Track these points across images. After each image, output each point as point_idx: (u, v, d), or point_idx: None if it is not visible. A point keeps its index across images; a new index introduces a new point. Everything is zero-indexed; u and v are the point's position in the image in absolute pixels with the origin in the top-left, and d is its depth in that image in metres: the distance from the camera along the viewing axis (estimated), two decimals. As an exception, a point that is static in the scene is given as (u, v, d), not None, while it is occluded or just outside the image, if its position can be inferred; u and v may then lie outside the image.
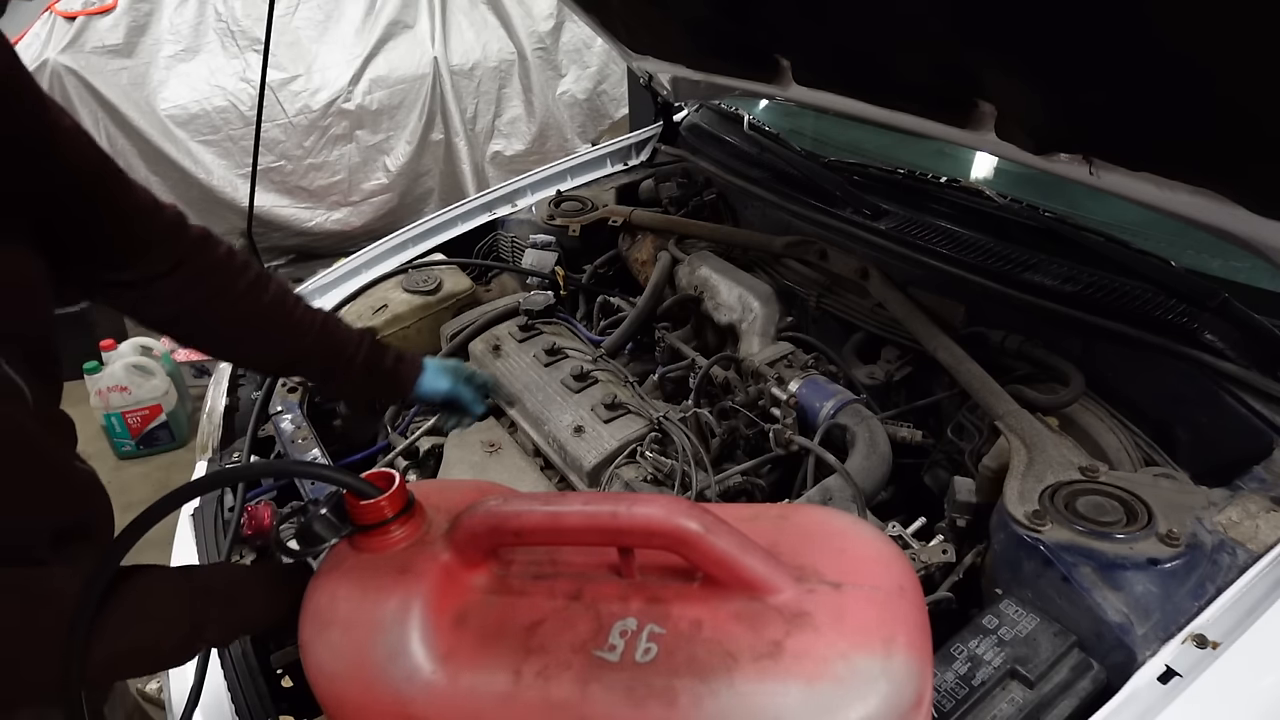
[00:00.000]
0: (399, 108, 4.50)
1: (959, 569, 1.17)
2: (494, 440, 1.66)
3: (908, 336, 1.54)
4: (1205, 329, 1.28)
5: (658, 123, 2.45)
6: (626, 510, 0.68)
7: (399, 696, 0.70)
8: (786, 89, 1.67)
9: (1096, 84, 1.03)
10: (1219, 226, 1.13)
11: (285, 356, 1.21)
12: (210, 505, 1.51)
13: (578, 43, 4.84)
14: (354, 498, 0.75)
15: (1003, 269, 1.51)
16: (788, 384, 1.51)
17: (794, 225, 1.89)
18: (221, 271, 1.10)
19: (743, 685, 0.63)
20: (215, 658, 1.22)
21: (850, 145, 2.07)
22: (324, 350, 1.20)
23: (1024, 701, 0.90)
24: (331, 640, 0.74)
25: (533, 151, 4.90)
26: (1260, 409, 1.20)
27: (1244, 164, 1.02)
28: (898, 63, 1.33)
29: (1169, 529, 1.00)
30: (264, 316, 1.14)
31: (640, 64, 2.19)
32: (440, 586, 0.73)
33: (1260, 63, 0.83)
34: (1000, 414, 1.25)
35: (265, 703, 1.19)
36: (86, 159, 0.94)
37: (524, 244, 2.14)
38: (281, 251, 4.62)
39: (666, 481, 1.42)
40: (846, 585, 0.68)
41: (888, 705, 0.63)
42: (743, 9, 1.49)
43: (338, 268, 2.09)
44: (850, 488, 1.27)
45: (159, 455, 3.46)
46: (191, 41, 4.14)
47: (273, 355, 1.21)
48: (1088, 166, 1.18)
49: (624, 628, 0.69)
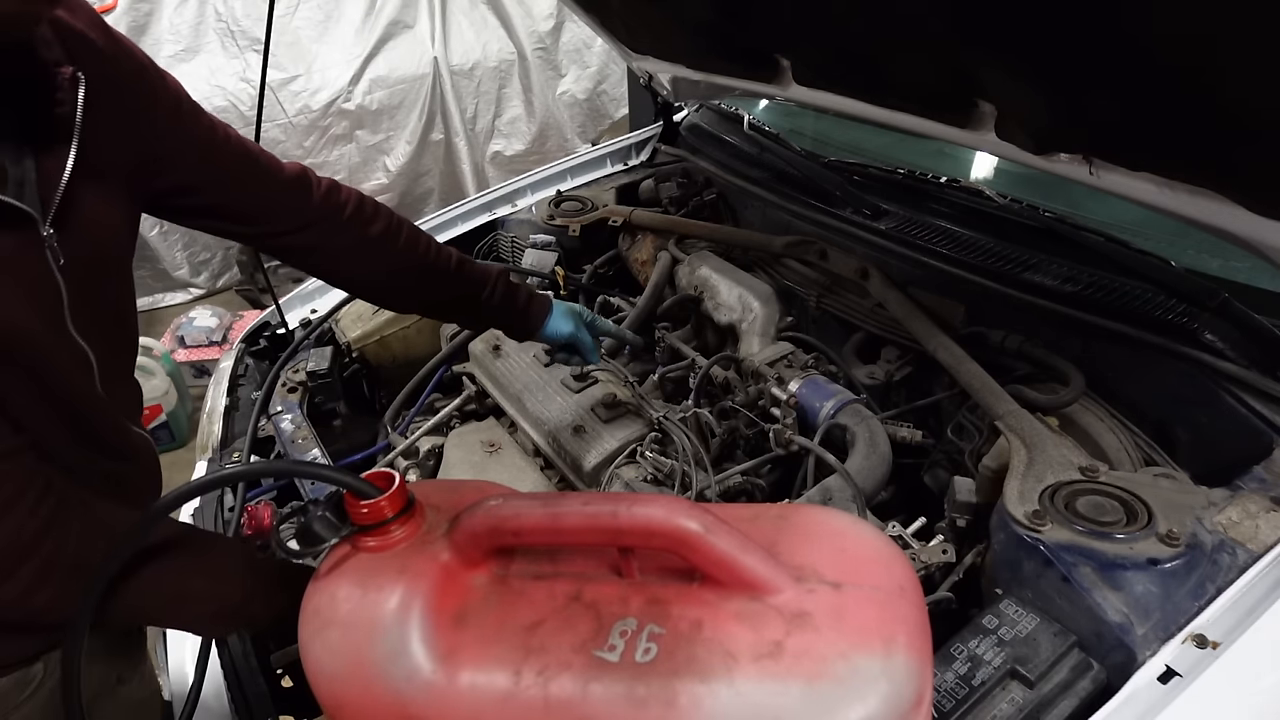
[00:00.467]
0: (399, 108, 4.50)
1: (959, 569, 1.17)
2: (494, 440, 1.65)
3: (908, 336, 1.54)
4: (1205, 329, 1.28)
5: (658, 123, 2.45)
6: (626, 510, 0.68)
7: (399, 696, 0.70)
8: (786, 89, 1.67)
9: (1097, 84, 1.03)
10: (1219, 226, 1.13)
11: (426, 296, 1.32)
12: (210, 505, 1.51)
13: (578, 43, 4.84)
14: (354, 498, 0.76)
15: (1003, 269, 1.51)
16: (788, 384, 1.51)
17: (794, 225, 1.89)
18: (350, 228, 1.19)
19: (743, 685, 0.63)
20: (215, 658, 1.22)
21: (850, 145, 2.07)
22: (462, 289, 1.30)
23: (1024, 701, 0.90)
24: (331, 640, 0.74)
25: (533, 151, 4.90)
26: (1260, 409, 1.20)
27: (1244, 164, 1.02)
28: (898, 63, 1.33)
29: (1169, 529, 1.00)
30: (398, 262, 1.23)
31: (640, 64, 2.19)
32: (440, 586, 0.73)
33: (1260, 62, 0.83)
34: (1000, 414, 1.25)
35: (265, 703, 1.19)
36: (198, 129, 1.03)
37: (524, 244, 2.14)
38: (281, 251, 4.62)
39: (666, 481, 1.42)
40: (846, 585, 0.68)
41: (888, 705, 0.63)
42: (743, 9, 1.49)
43: (338, 268, 2.09)
44: (850, 488, 1.27)
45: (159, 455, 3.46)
46: (191, 41, 4.14)
47: (412, 296, 1.32)
48: (1088, 166, 1.18)
49: (624, 628, 0.69)
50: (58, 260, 0.83)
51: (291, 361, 1.82)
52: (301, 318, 1.95)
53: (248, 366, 1.87)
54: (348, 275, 1.26)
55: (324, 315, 1.92)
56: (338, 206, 1.18)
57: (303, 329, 1.90)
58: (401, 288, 1.28)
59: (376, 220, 1.21)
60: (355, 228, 1.19)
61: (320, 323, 1.91)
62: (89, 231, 0.88)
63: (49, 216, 0.82)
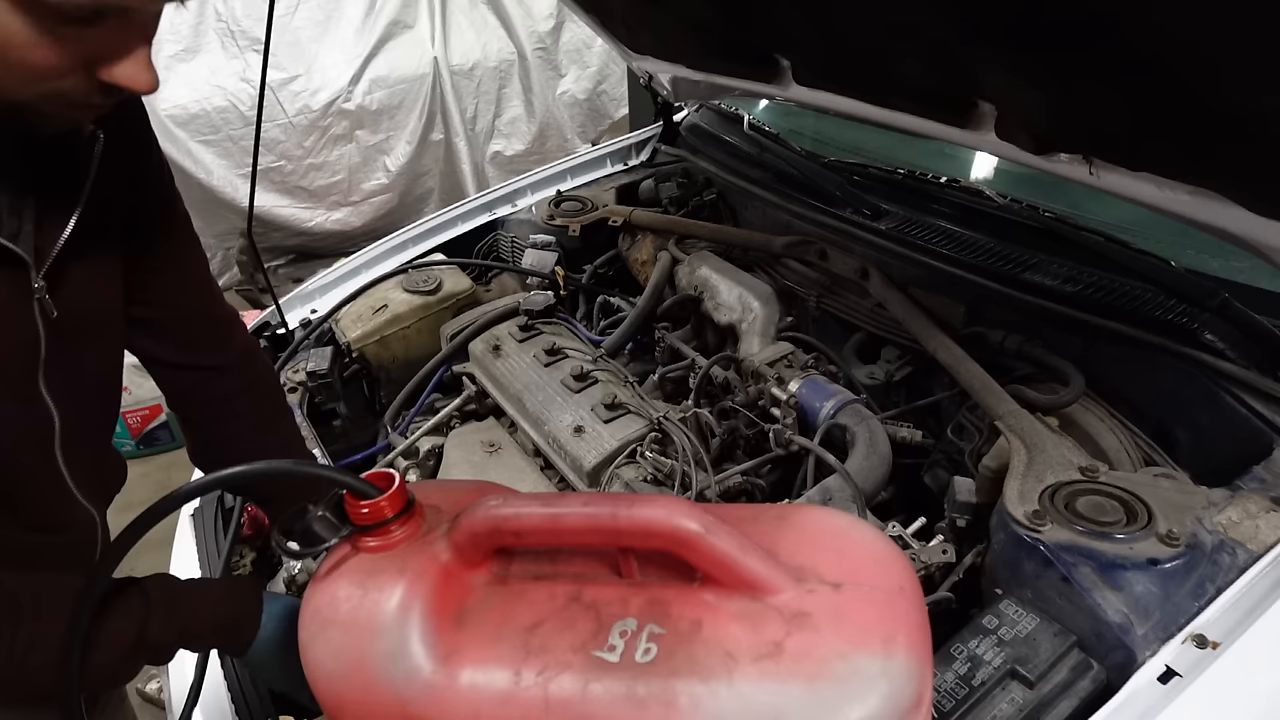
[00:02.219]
0: (399, 108, 4.50)
1: (959, 569, 1.17)
2: (494, 440, 1.65)
3: (908, 336, 1.54)
4: (1205, 329, 1.28)
5: (658, 123, 2.45)
6: (626, 510, 0.68)
7: (399, 696, 0.70)
8: (786, 89, 1.67)
9: (1097, 84, 1.03)
10: (1219, 226, 1.13)
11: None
12: (210, 506, 1.51)
13: (578, 43, 4.84)
14: (354, 498, 0.75)
15: (1003, 269, 1.51)
16: (788, 384, 1.51)
17: (794, 225, 1.88)
18: (256, 390, 1.11)
19: (743, 685, 0.63)
20: (215, 658, 1.22)
21: (850, 145, 2.07)
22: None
23: (1024, 701, 0.90)
24: (331, 640, 0.74)
25: (533, 151, 4.90)
26: (1260, 409, 1.20)
27: (1244, 164, 1.02)
28: (898, 63, 1.33)
29: (1169, 529, 1.00)
30: (262, 448, 1.10)
31: (640, 64, 2.19)
32: (440, 586, 0.73)
33: (1259, 61, 0.83)
34: (1000, 414, 1.25)
35: (265, 703, 1.19)
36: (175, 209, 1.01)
37: (524, 244, 2.14)
38: (281, 251, 4.62)
39: (666, 481, 1.42)
40: (846, 585, 0.68)
41: (888, 705, 0.63)
42: (743, 9, 1.49)
43: (338, 268, 2.09)
44: (850, 488, 1.27)
45: (159, 455, 3.46)
46: (191, 41, 4.14)
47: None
48: (1088, 166, 1.18)
49: (624, 628, 0.69)
50: (48, 314, 0.81)
51: (291, 361, 1.82)
52: (301, 318, 1.95)
53: (248, 366, 1.87)
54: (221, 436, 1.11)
55: (324, 315, 1.92)
56: (261, 363, 1.15)
57: (303, 329, 1.90)
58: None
59: (278, 397, 1.17)
60: (259, 393, 1.13)
61: (320, 323, 1.91)
62: (84, 290, 0.85)
63: (43, 268, 0.80)
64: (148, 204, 0.95)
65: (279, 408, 1.17)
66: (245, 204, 4.27)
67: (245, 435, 1.10)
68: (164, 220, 0.99)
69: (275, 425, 1.15)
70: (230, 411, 1.09)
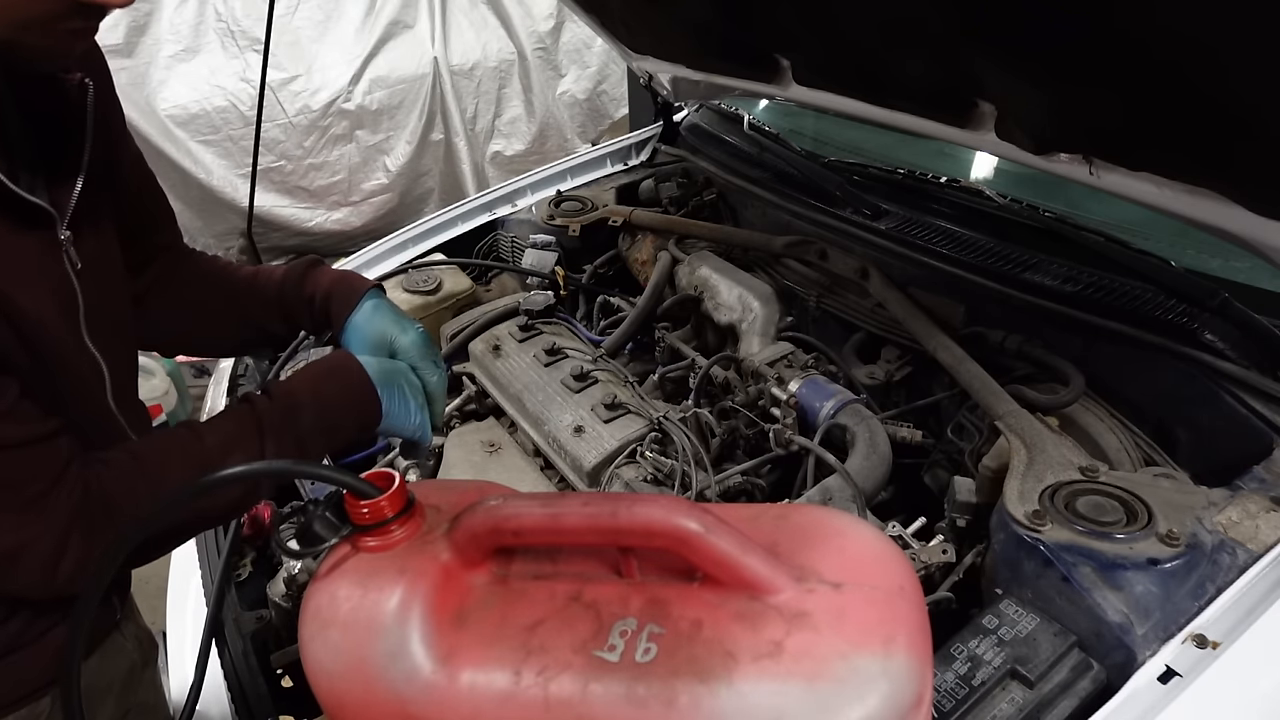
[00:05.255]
0: (399, 108, 4.50)
1: (959, 569, 1.17)
2: (494, 440, 1.65)
3: (908, 336, 1.54)
4: (1205, 329, 1.28)
5: (658, 123, 2.45)
6: (626, 510, 0.68)
7: (399, 696, 0.70)
8: (786, 89, 1.67)
9: (1097, 83, 1.03)
10: (1219, 226, 1.13)
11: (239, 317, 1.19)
12: (210, 505, 1.50)
13: (578, 43, 4.84)
14: (354, 498, 0.75)
15: (1003, 269, 1.51)
16: (788, 384, 1.51)
17: (794, 225, 1.88)
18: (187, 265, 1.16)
19: (743, 685, 0.63)
20: (215, 658, 1.22)
21: (850, 145, 2.07)
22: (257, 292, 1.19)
23: (1024, 701, 0.90)
24: (331, 640, 0.74)
25: (533, 151, 4.90)
26: (1260, 409, 1.20)
27: (1244, 164, 1.02)
28: (897, 62, 1.33)
29: (1169, 529, 1.00)
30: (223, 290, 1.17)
31: (640, 64, 2.19)
32: (440, 586, 0.73)
33: (1260, 60, 0.83)
34: (1000, 414, 1.25)
35: (265, 703, 1.19)
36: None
37: (524, 244, 2.14)
38: (281, 251, 4.62)
39: (666, 481, 1.42)
40: (846, 585, 0.68)
41: (888, 705, 0.63)
42: (743, 9, 1.49)
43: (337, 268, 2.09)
44: (850, 488, 1.27)
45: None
46: (191, 41, 4.14)
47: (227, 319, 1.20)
48: (1088, 166, 1.18)
49: (624, 628, 0.69)
50: (75, 265, 0.82)
51: (291, 361, 1.82)
52: (301, 318, 1.95)
53: (248, 366, 1.87)
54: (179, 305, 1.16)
55: (324, 315, 1.92)
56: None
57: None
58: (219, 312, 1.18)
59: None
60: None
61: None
62: (100, 236, 0.87)
63: (65, 219, 0.81)
64: (125, 147, 0.98)
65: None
66: (245, 204, 4.28)
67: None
68: (134, 163, 1.02)
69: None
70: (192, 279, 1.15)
